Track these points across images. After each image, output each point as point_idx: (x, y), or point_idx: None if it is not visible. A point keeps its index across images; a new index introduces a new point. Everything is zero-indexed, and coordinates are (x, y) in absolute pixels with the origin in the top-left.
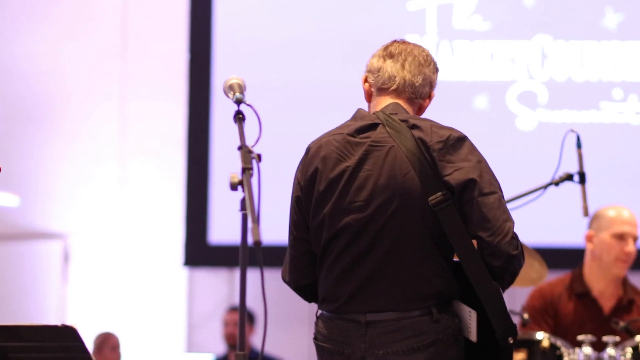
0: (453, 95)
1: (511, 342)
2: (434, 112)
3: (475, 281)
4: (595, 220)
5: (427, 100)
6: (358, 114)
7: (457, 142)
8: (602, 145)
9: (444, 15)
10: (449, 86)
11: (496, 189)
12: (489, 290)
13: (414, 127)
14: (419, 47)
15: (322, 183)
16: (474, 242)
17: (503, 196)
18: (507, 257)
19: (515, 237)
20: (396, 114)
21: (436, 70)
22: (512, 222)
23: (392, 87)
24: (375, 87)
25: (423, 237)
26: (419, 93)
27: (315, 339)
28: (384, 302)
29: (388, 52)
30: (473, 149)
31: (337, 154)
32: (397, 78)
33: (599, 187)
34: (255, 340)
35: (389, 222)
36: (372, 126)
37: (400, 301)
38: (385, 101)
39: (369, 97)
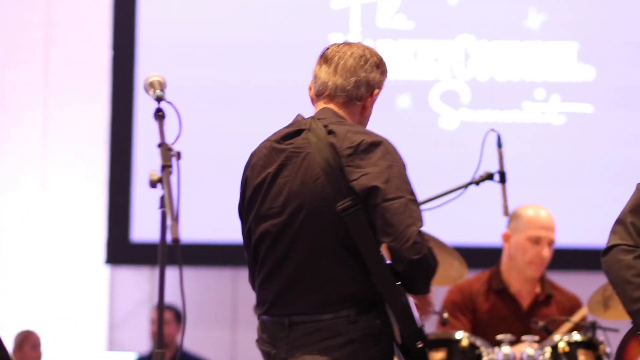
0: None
1: (420, 345)
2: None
3: (380, 287)
4: (513, 220)
5: (369, 99)
6: (294, 120)
7: (370, 147)
8: (524, 144)
9: (368, 14)
10: None
11: (404, 193)
12: (393, 296)
13: (330, 132)
14: (356, 47)
15: (249, 190)
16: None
17: (414, 200)
18: (408, 262)
19: (418, 241)
20: (324, 119)
21: (375, 68)
22: (418, 226)
23: (326, 93)
24: (314, 94)
25: (334, 243)
26: (354, 95)
27: (256, 341)
28: (304, 305)
29: (324, 57)
30: (386, 153)
31: (262, 161)
32: (329, 83)
33: (519, 186)
34: (184, 339)
35: (301, 228)
36: (298, 132)
37: (318, 304)
38: (319, 107)
39: (313, 103)
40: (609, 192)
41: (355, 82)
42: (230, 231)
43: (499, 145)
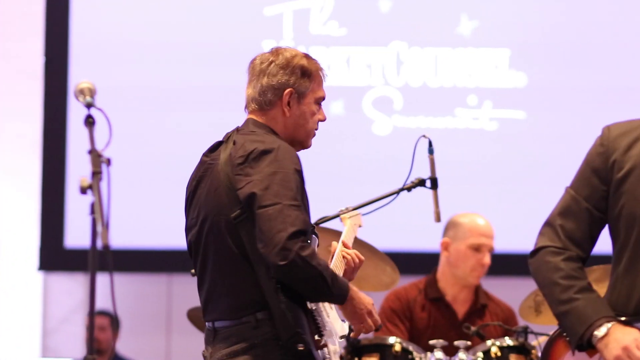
0: None
1: (301, 348)
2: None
3: (265, 293)
4: (451, 228)
5: (279, 102)
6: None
7: (260, 155)
8: (457, 150)
9: (301, 21)
10: None
11: (281, 199)
12: (270, 300)
13: (234, 142)
14: (269, 54)
15: (185, 202)
16: None
17: (294, 206)
18: (276, 268)
19: (287, 247)
20: (243, 129)
21: (281, 69)
22: (289, 232)
23: (246, 105)
24: None
25: (234, 251)
26: (264, 102)
27: None
28: (220, 311)
29: (248, 71)
30: (274, 160)
31: (193, 174)
32: (248, 95)
33: (452, 192)
34: (119, 345)
35: (207, 238)
36: (219, 144)
37: (229, 310)
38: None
39: None
40: (540, 198)
41: (260, 90)
42: (165, 237)
43: (430, 151)
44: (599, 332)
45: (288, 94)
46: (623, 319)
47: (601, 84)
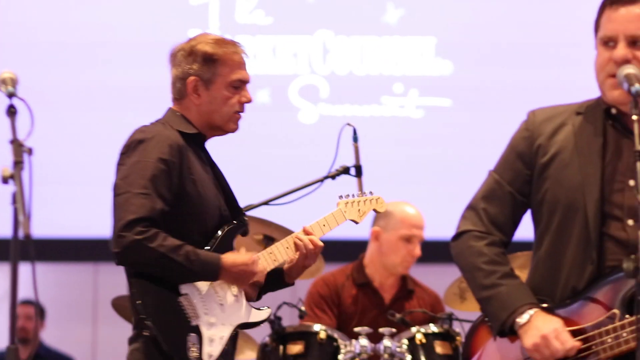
0: None
1: (146, 334)
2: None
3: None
4: (382, 218)
5: (186, 91)
6: None
7: (136, 145)
8: (383, 138)
9: (227, 10)
10: None
11: (133, 188)
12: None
13: None
14: (179, 44)
15: None
16: None
17: (141, 194)
18: (114, 256)
19: (121, 234)
20: (159, 120)
21: (185, 58)
22: (127, 219)
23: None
24: None
25: None
26: (176, 92)
27: None
28: None
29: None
30: (143, 150)
31: None
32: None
33: (378, 180)
34: (45, 334)
35: None
36: None
37: None
38: None
39: None
40: (465, 185)
41: (172, 80)
42: (91, 227)
43: (355, 139)
44: (521, 319)
45: (192, 82)
46: (545, 305)
47: (525, 73)
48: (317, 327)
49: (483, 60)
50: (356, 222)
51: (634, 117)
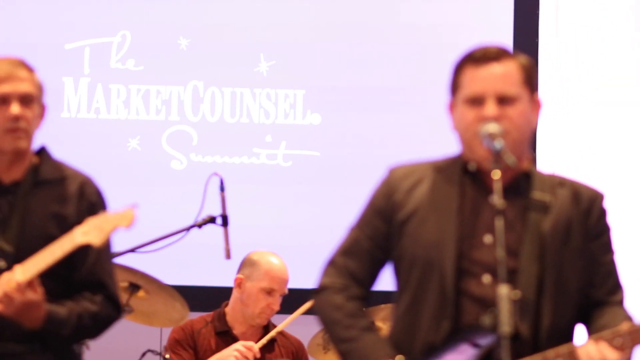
0: (108, 135)
1: None
2: (89, 150)
3: None
4: (247, 267)
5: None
6: None
7: None
8: (252, 188)
9: (101, 56)
10: (105, 125)
11: None
12: None
13: None
14: None
15: None
16: None
17: None
18: None
19: None
20: None
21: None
22: None
23: None
24: None
25: None
26: None
27: None
28: None
29: None
30: None
31: None
32: None
33: (245, 230)
34: None
35: None
36: None
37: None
38: None
39: None
40: (332, 236)
41: None
42: None
43: (222, 189)
44: None
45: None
46: (403, 358)
47: (390, 124)
48: None
49: (349, 111)
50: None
51: (495, 176)
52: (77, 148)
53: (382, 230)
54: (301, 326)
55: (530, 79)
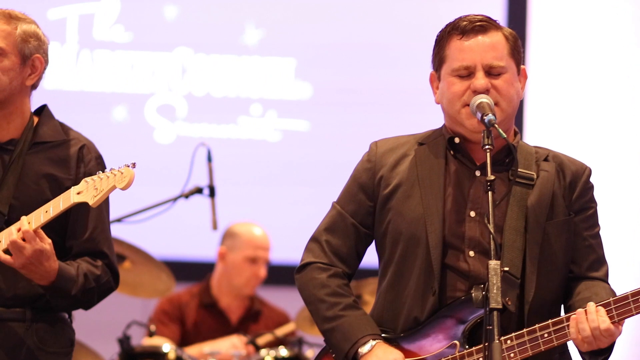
0: (92, 106)
1: None
2: (70, 123)
3: None
4: (229, 238)
5: None
6: None
7: None
8: (239, 160)
9: (85, 25)
10: (88, 96)
11: None
12: None
13: None
14: None
15: None
16: None
17: None
18: None
19: None
20: None
21: None
22: None
23: None
24: None
25: None
26: None
27: None
28: None
29: None
30: None
31: None
32: None
33: (232, 202)
34: None
35: None
36: None
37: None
38: None
39: None
40: (320, 210)
41: None
42: None
43: (209, 159)
44: (363, 349)
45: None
46: (387, 336)
47: (383, 98)
48: (166, 347)
49: (341, 84)
50: (89, 204)
51: (487, 147)
52: (60, 119)
53: (366, 206)
54: (289, 299)
55: (517, 51)
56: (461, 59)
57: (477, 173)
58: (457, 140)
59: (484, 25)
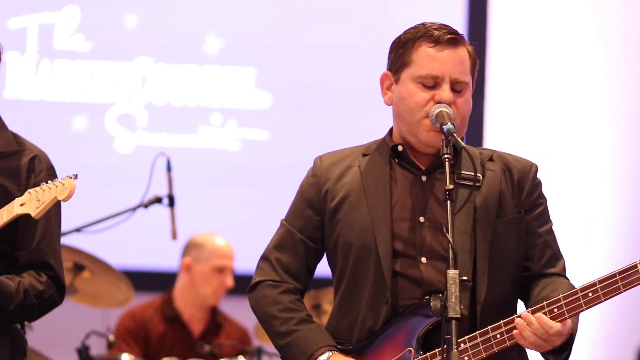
0: (52, 115)
1: None
2: (29, 133)
3: None
4: (193, 249)
5: None
6: None
7: None
8: (199, 169)
9: (45, 35)
10: (48, 106)
11: None
12: None
13: None
14: None
15: None
16: None
17: None
18: None
19: None
20: None
21: None
22: None
23: None
24: None
25: None
26: None
27: None
28: None
29: None
30: None
31: None
32: None
33: (192, 211)
34: None
35: None
36: None
37: None
38: None
39: None
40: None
41: None
42: None
43: (169, 169)
44: None
45: None
46: (343, 347)
47: (343, 107)
48: (124, 357)
49: (301, 92)
50: (31, 216)
51: (445, 156)
52: (19, 129)
53: (313, 221)
54: (247, 309)
55: (475, 69)
56: (430, 68)
57: (424, 178)
58: (400, 148)
59: (456, 38)
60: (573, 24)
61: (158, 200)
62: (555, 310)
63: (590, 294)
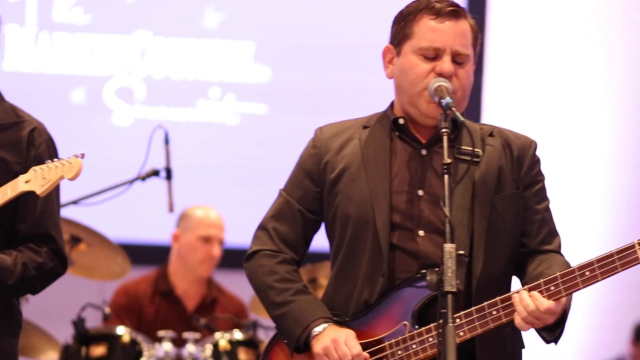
0: (50, 88)
1: None
2: (28, 105)
3: None
4: (182, 220)
5: None
6: None
7: None
8: (197, 143)
9: (44, 7)
10: (47, 79)
11: None
12: None
13: None
14: None
15: None
16: None
17: None
18: None
19: None
20: None
21: None
22: None
23: None
24: None
25: None
26: None
27: None
28: None
29: None
30: None
31: None
32: None
33: (190, 185)
34: None
35: None
36: None
37: None
38: None
39: None
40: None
41: None
42: None
43: (166, 142)
44: (315, 331)
45: None
46: (338, 319)
47: (341, 84)
48: (120, 329)
49: (301, 67)
50: (37, 193)
51: (444, 130)
52: (18, 101)
53: (312, 192)
54: (245, 282)
55: (477, 42)
56: (432, 40)
57: (423, 152)
58: (401, 121)
59: (458, 11)
60: (572, 5)
61: (155, 173)
62: (552, 288)
63: (587, 273)
